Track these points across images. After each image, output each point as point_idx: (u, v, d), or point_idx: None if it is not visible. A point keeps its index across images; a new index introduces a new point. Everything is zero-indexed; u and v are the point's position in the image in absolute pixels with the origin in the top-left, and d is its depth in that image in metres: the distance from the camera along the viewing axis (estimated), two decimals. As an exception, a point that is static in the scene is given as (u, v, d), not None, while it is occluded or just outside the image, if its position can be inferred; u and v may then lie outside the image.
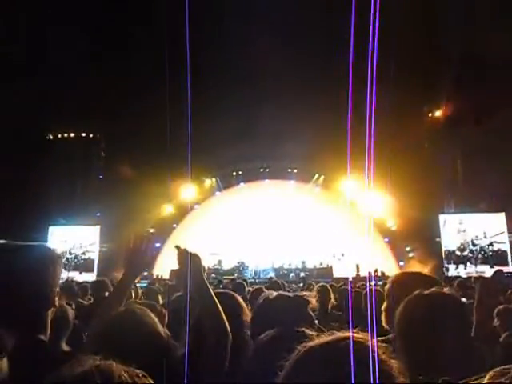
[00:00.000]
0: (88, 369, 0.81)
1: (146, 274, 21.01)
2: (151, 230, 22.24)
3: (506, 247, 17.62)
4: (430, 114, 19.97)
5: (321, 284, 4.83)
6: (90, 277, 18.77)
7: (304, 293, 2.27)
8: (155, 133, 18.87)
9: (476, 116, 18.95)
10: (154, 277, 18.15)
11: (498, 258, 17.53)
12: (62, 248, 18.88)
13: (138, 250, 1.99)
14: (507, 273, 15.12)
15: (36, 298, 1.40)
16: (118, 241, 21.08)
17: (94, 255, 20.24)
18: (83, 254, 20.20)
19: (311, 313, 2.11)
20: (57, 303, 1.47)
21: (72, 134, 21.47)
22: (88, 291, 5.45)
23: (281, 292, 2.29)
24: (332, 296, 4.88)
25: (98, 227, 20.38)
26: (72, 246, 20.24)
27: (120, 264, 20.83)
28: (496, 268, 16.91)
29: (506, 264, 17.23)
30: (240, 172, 23.37)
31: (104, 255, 20.34)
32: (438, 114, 19.69)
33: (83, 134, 21.45)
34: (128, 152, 18.15)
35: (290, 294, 2.21)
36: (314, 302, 2.19)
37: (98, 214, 21.01)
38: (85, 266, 19.99)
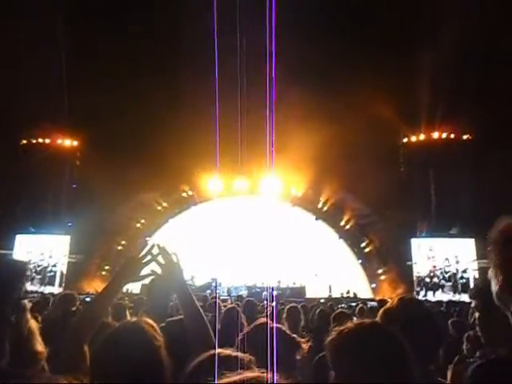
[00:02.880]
0: None
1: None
2: (119, 248, 21.88)
3: (475, 275, 17.99)
4: (404, 140, 20.46)
5: (291, 305, 4.78)
6: (54, 289, 18.18)
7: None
8: (133, 144, 18.78)
9: (449, 143, 19.59)
10: (124, 291, 17.69)
11: (468, 286, 17.89)
12: (27, 258, 18.27)
13: (137, 258, 1.89)
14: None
15: None
16: (88, 252, 20.62)
17: (63, 266, 19.65)
18: (53, 265, 19.59)
19: None
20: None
21: (47, 141, 21.01)
22: (49, 303, 5.24)
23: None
24: (302, 317, 4.86)
25: (68, 237, 19.84)
26: (39, 256, 19.62)
27: (90, 276, 20.36)
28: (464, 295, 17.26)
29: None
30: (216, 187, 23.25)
31: (73, 266, 19.79)
32: (412, 139, 20.21)
33: (59, 141, 21.02)
34: (104, 162, 17.87)
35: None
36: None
37: (70, 224, 20.50)
38: (50, 277, 19.37)
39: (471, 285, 17.73)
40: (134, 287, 17.45)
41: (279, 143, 19.62)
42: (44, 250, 19.78)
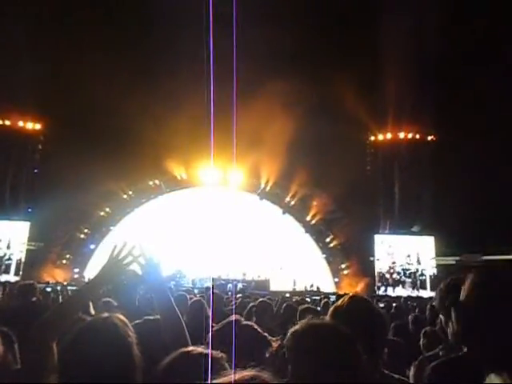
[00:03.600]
0: None
1: (76, 276, 20.02)
2: (82, 236, 21.38)
3: (434, 272, 18.65)
4: (372, 138, 20.86)
5: (261, 300, 4.78)
6: (10, 277, 17.54)
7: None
8: (100, 130, 18.26)
9: (414, 143, 20.14)
10: (86, 280, 17.30)
11: (425, 283, 18.54)
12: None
13: (118, 260, 1.85)
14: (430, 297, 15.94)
15: None
16: (48, 240, 19.99)
17: (21, 254, 18.93)
18: (11, 253, 18.83)
19: None
20: None
21: (7, 122, 20.11)
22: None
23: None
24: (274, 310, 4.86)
25: (27, 223, 19.11)
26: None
27: (49, 265, 19.74)
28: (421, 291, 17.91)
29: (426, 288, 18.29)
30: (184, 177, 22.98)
31: (32, 254, 19.10)
32: (379, 138, 20.63)
33: (20, 123, 20.16)
34: (69, 148, 17.29)
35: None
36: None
37: (30, 210, 19.77)
38: (8, 265, 18.63)
39: (428, 282, 18.37)
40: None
41: (248, 137, 19.66)
42: (1, 237, 18.99)
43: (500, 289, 1.23)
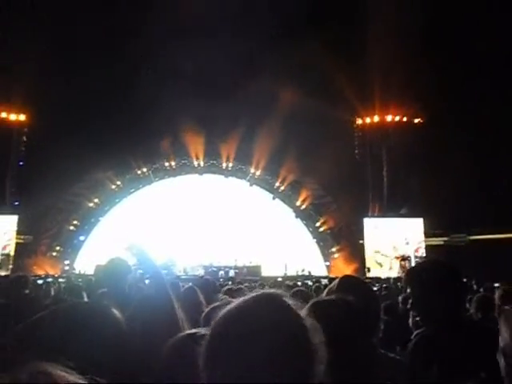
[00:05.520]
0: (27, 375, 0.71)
1: (67, 268, 19.94)
2: (71, 228, 21.25)
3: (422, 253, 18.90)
4: (359, 122, 20.88)
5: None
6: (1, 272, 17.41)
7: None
8: (86, 120, 18.02)
9: (402, 126, 20.23)
10: (77, 272, 17.27)
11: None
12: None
13: None
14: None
15: None
16: (37, 232, 19.84)
17: (10, 248, 18.74)
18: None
19: None
20: None
21: (-10, 115, 19.73)
22: None
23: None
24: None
25: (15, 217, 18.88)
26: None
27: (39, 257, 19.61)
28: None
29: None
30: (173, 165, 22.83)
31: (21, 247, 18.93)
32: (367, 121, 20.66)
33: (3, 115, 19.77)
34: (55, 139, 17.04)
35: None
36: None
37: (17, 203, 19.52)
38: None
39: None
40: (86, 268, 17.04)
41: (237, 123, 19.62)
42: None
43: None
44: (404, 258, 18.46)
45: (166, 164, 22.65)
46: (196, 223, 20.93)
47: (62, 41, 16.94)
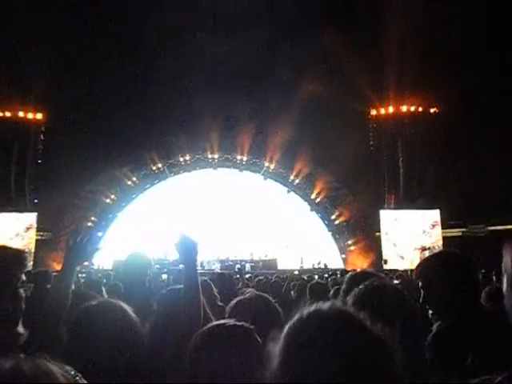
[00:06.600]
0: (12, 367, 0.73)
1: (86, 263, 20.26)
2: (89, 224, 21.52)
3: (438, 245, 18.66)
4: (373, 113, 20.62)
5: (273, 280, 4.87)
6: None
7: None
8: (101, 117, 18.23)
9: (417, 116, 19.94)
10: (96, 267, 17.52)
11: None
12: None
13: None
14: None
15: None
16: (56, 229, 20.18)
17: (31, 245, 19.11)
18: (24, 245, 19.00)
19: None
20: None
21: (8, 114, 20.04)
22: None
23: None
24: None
25: (34, 214, 19.24)
26: (4, 234, 18.99)
27: (59, 253, 19.97)
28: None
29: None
30: (188, 160, 22.95)
31: (41, 244, 19.31)
32: (381, 112, 20.39)
33: (21, 114, 20.09)
34: (71, 137, 17.28)
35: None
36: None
37: (36, 201, 19.89)
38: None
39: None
40: (104, 263, 17.29)
41: (250, 117, 19.58)
42: (10, 229, 19.15)
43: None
44: (424, 249, 18.25)
45: (181, 159, 22.78)
46: (211, 217, 21.03)
47: (78, 39, 17.10)
